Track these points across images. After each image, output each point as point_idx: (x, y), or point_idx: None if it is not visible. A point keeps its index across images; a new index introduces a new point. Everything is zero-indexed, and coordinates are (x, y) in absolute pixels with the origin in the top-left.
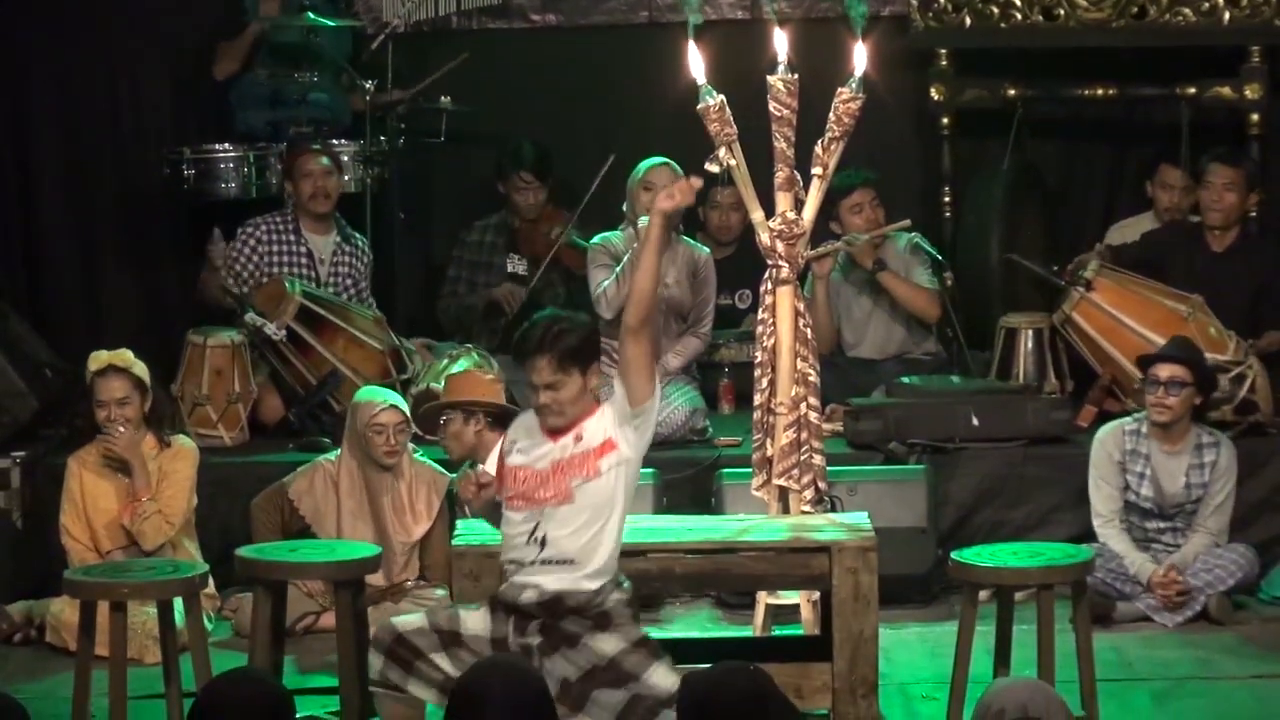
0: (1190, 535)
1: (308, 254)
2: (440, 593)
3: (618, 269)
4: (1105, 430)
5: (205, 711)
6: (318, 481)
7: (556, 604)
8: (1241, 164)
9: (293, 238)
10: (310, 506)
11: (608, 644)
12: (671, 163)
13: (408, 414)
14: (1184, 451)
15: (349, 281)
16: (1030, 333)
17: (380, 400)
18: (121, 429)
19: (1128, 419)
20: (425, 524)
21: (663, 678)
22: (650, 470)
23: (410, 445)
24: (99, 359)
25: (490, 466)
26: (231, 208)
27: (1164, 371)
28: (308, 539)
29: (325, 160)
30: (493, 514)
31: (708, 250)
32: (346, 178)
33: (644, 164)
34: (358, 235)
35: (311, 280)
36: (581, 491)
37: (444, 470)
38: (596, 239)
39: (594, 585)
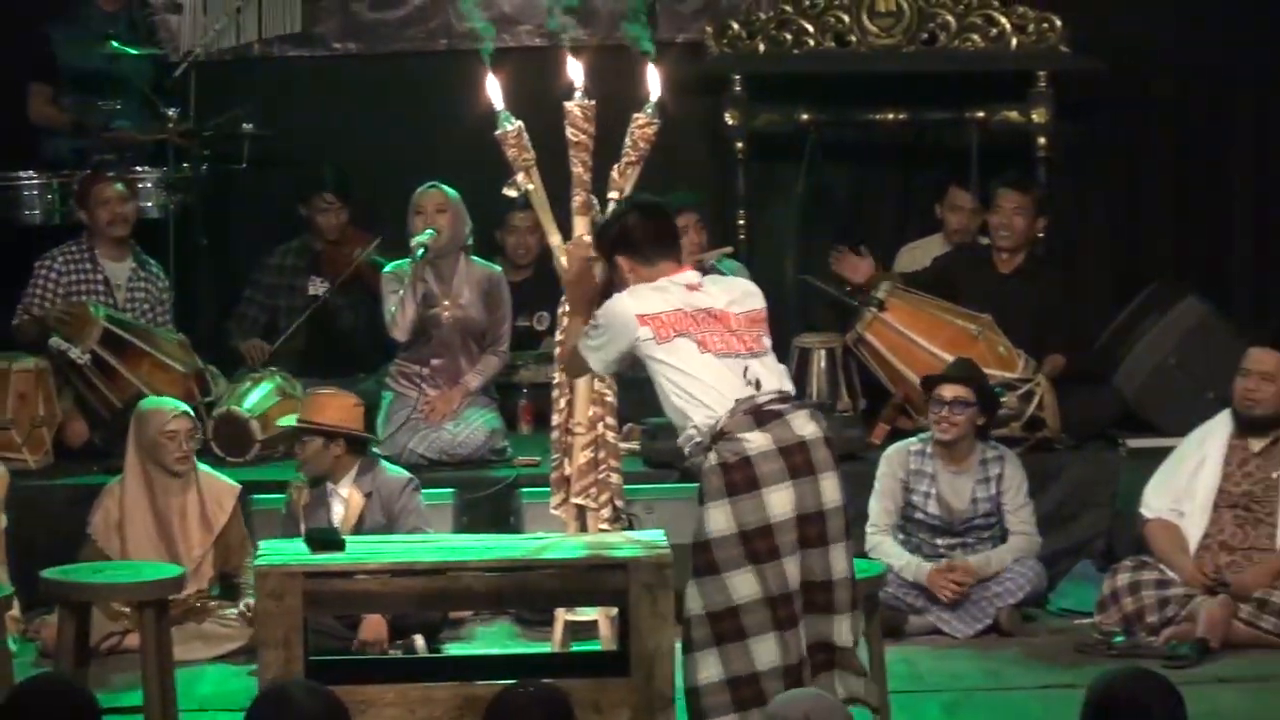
0: (1009, 540)
1: (104, 281)
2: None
3: (402, 294)
4: (892, 449)
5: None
6: (111, 510)
7: (681, 449)
8: (1030, 189)
9: (89, 265)
10: (111, 542)
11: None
12: (441, 186)
13: (196, 421)
14: (969, 469)
15: (145, 307)
16: (823, 352)
17: (170, 408)
18: None
19: (913, 439)
20: (215, 530)
21: None
22: (449, 490)
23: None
24: None
25: (343, 489)
26: (36, 235)
27: (948, 392)
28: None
29: (120, 186)
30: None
31: (499, 269)
32: (149, 204)
33: (420, 188)
34: (153, 261)
35: (110, 307)
36: None
37: (233, 482)
38: (389, 266)
39: (680, 438)
